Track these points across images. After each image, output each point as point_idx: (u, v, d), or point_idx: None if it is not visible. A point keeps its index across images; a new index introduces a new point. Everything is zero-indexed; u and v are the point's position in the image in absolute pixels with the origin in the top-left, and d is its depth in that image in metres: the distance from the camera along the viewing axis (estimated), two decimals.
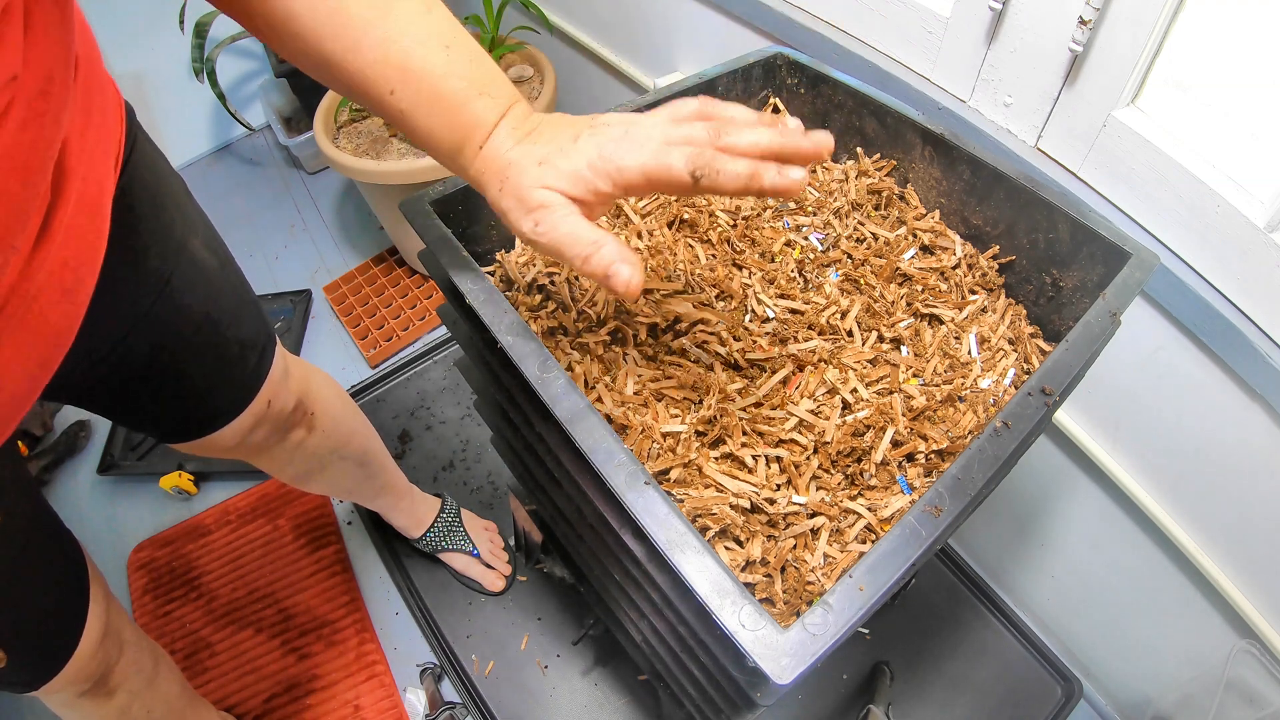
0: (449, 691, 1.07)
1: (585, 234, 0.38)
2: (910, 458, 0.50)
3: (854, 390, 0.52)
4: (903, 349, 0.57)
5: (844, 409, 0.51)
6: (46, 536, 0.62)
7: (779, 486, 0.48)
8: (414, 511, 1.11)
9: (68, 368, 0.47)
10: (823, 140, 0.39)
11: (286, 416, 0.75)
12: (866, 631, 1.08)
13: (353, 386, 1.42)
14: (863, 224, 0.65)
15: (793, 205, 0.66)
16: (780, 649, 0.34)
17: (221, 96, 1.74)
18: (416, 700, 1.05)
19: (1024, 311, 0.63)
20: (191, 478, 1.29)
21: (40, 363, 0.43)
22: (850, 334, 0.57)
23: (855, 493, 0.49)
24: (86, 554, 0.66)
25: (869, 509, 0.47)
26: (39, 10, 0.32)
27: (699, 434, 0.49)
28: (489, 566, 1.14)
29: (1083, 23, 0.65)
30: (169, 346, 0.59)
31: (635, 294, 0.38)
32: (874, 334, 0.57)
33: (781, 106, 0.75)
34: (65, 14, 0.35)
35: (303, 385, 0.77)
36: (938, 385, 0.54)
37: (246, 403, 0.68)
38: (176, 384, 0.62)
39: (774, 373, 0.53)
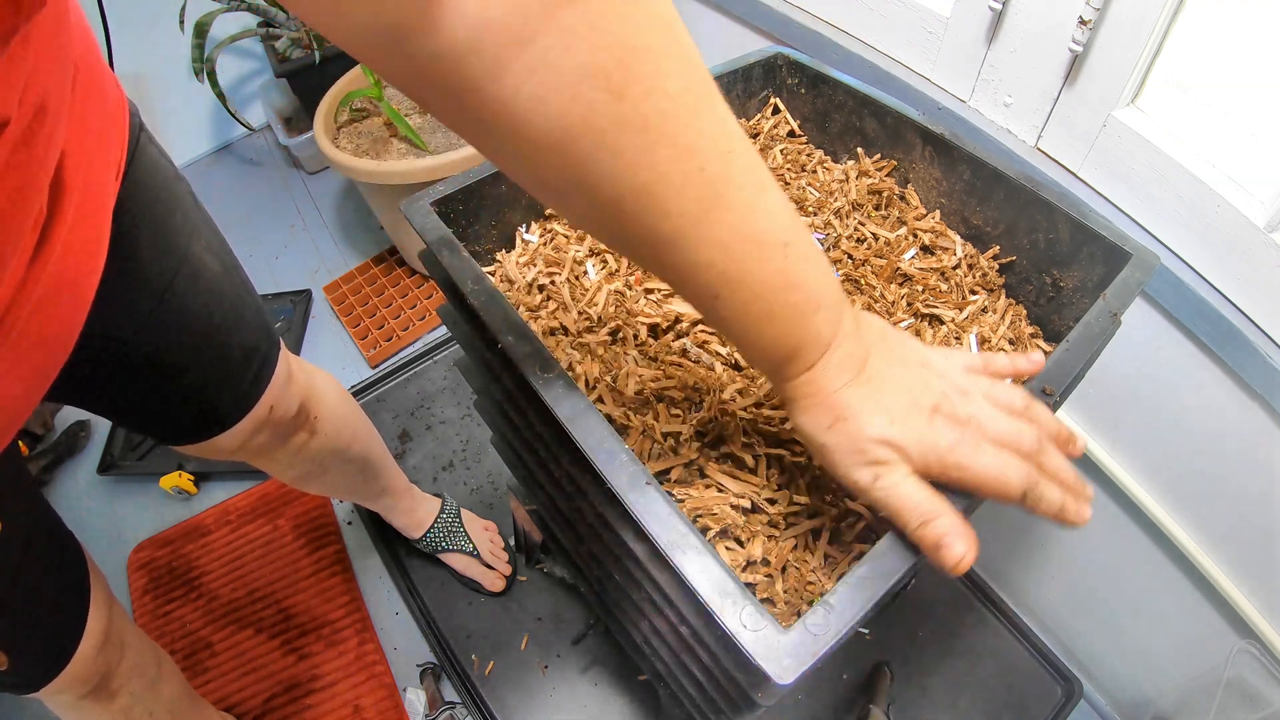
0: (449, 691, 1.07)
1: (925, 501, 0.36)
2: None
3: None
4: None
5: None
6: (47, 539, 0.62)
7: (780, 487, 0.48)
8: (414, 512, 1.11)
9: (70, 370, 0.47)
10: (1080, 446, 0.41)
11: (289, 421, 0.75)
12: (866, 631, 1.08)
13: (353, 386, 1.42)
14: (863, 224, 0.65)
15: (794, 205, 0.66)
16: (781, 649, 0.34)
17: (221, 96, 1.74)
18: (416, 700, 1.05)
19: (1024, 312, 0.63)
20: (191, 478, 1.29)
21: (39, 372, 0.43)
22: None
23: None
24: (88, 556, 0.66)
25: (869, 509, 0.47)
26: (36, 37, 0.31)
27: (700, 434, 0.49)
28: (489, 567, 1.14)
29: (1083, 23, 0.65)
30: (171, 351, 0.59)
31: (963, 571, 0.36)
32: None
33: (782, 106, 0.75)
34: (60, 29, 0.34)
35: (306, 389, 0.77)
36: None
37: (248, 408, 0.68)
38: (178, 388, 0.62)
39: None
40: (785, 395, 0.39)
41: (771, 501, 0.47)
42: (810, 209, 0.66)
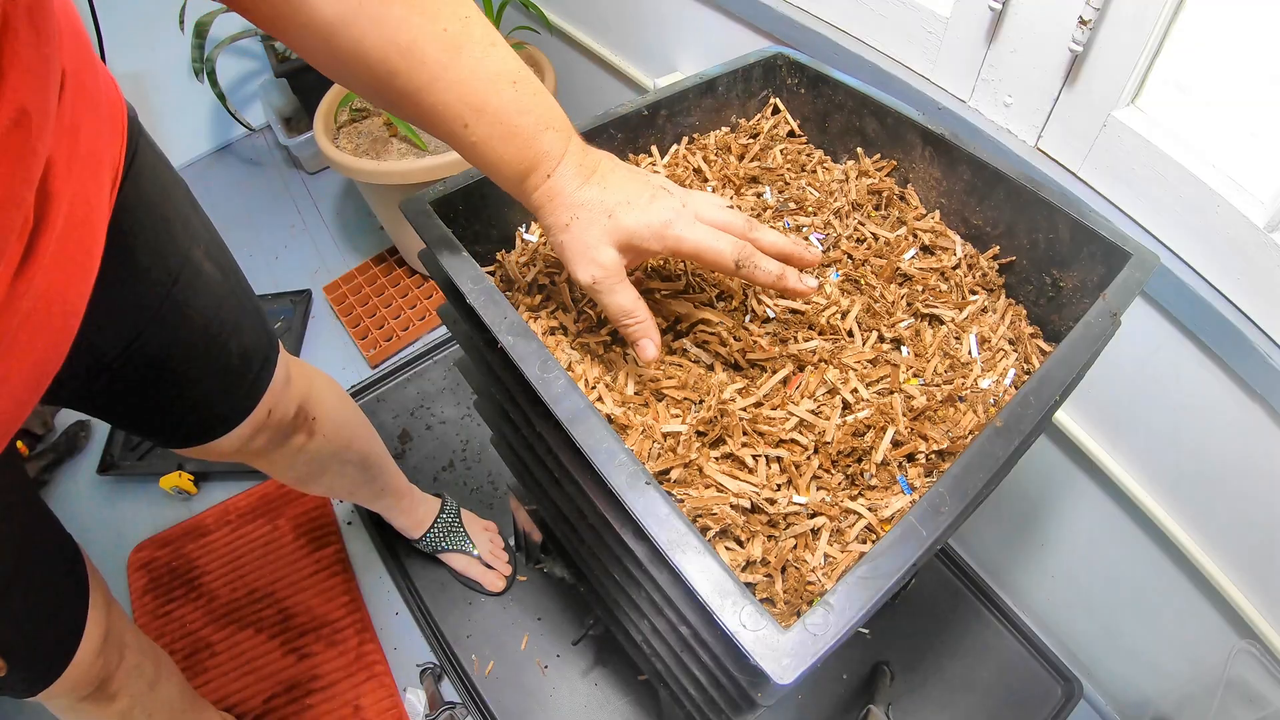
0: (449, 691, 1.07)
1: (630, 305, 0.47)
2: (911, 458, 0.50)
3: (854, 390, 0.52)
4: (903, 349, 0.57)
5: (844, 409, 0.51)
6: (46, 542, 0.61)
7: (779, 486, 0.48)
8: (414, 512, 1.11)
9: (67, 375, 0.47)
10: (816, 254, 0.51)
11: (288, 423, 0.75)
12: (866, 631, 1.08)
13: (353, 386, 1.42)
14: (863, 224, 0.65)
15: (793, 205, 0.66)
16: (781, 649, 0.34)
17: (221, 96, 1.74)
18: (416, 700, 1.05)
19: (1024, 312, 0.63)
20: (191, 478, 1.29)
21: (29, 384, 0.42)
22: (850, 334, 0.57)
23: (856, 493, 0.49)
24: (87, 559, 0.66)
25: (869, 509, 0.47)
26: (9, 47, 0.31)
27: (699, 434, 0.49)
28: (489, 567, 1.14)
29: (1083, 23, 0.65)
30: (170, 356, 0.59)
31: (652, 364, 0.50)
32: (874, 334, 0.57)
33: (782, 106, 0.75)
34: (43, 39, 0.33)
35: (305, 391, 0.77)
36: (938, 385, 0.54)
37: (247, 412, 0.68)
38: (177, 393, 0.62)
39: (774, 373, 0.53)
40: (533, 205, 0.46)
41: (771, 501, 0.47)
42: (810, 209, 0.66)
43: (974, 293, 0.62)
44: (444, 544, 1.13)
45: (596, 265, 0.46)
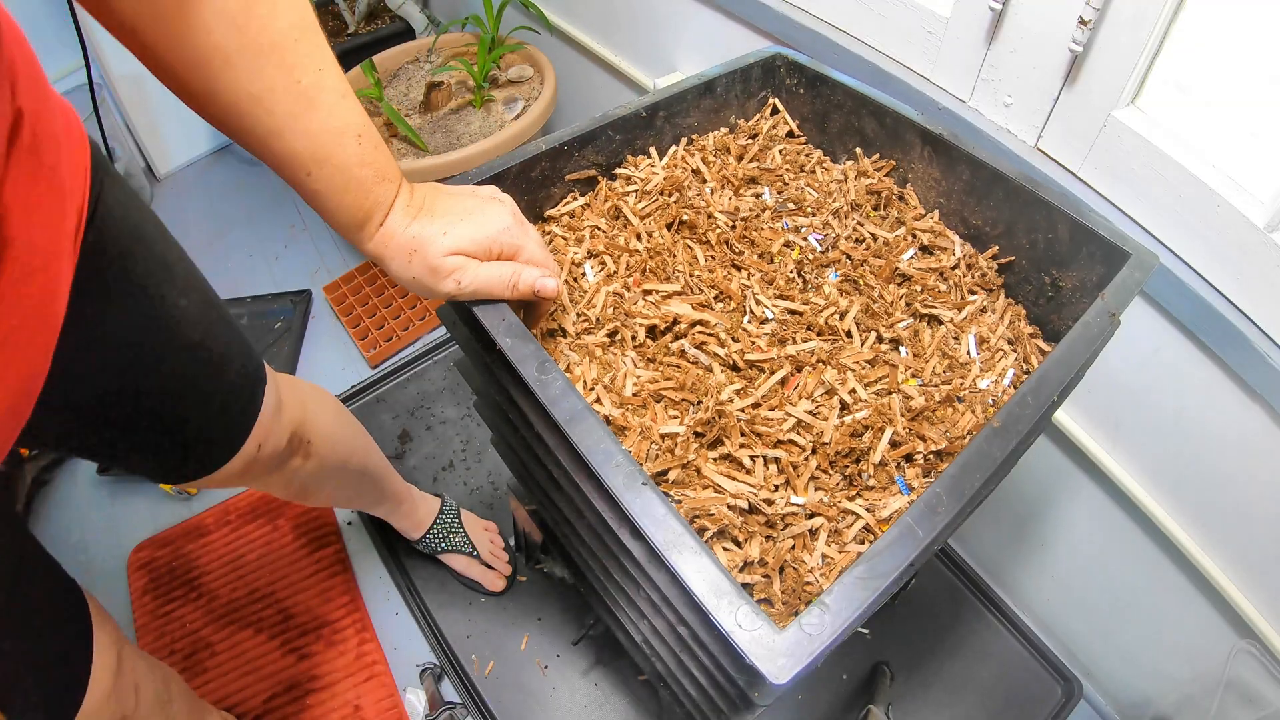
0: (449, 691, 1.07)
1: (502, 270, 0.49)
2: (909, 458, 0.49)
3: (852, 391, 0.52)
4: (901, 349, 0.57)
5: (842, 410, 0.51)
6: (38, 580, 0.59)
7: (777, 487, 0.48)
8: (414, 514, 1.10)
9: (46, 419, 0.46)
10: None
11: (281, 451, 0.72)
12: (866, 631, 1.08)
13: (353, 386, 1.42)
14: (862, 224, 0.65)
15: (792, 206, 0.66)
16: (777, 649, 0.34)
17: None
18: (416, 700, 1.05)
19: (1023, 312, 0.62)
20: None
21: None
22: (849, 335, 0.57)
23: (853, 493, 0.49)
24: (92, 599, 0.64)
25: (867, 509, 0.47)
26: None
27: (697, 435, 0.49)
28: (489, 567, 1.14)
29: (1083, 23, 0.65)
30: (148, 397, 0.57)
31: (558, 294, 0.52)
32: (873, 334, 0.57)
33: (781, 107, 0.75)
34: None
35: (298, 417, 0.74)
36: (936, 386, 0.54)
37: (235, 450, 0.65)
38: (158, 436, 0.60)
39: (772, 373, 0.53)
40: (373, 254, 0.48)
41: (769, 502, 0.47)
42: (809, 209, 0.66)
43: (973, 293, 0.62)
44: (444, 545, 1.13)
45: (449, 278, 0.47)
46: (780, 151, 0.72)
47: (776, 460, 0.49)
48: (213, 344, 0.62)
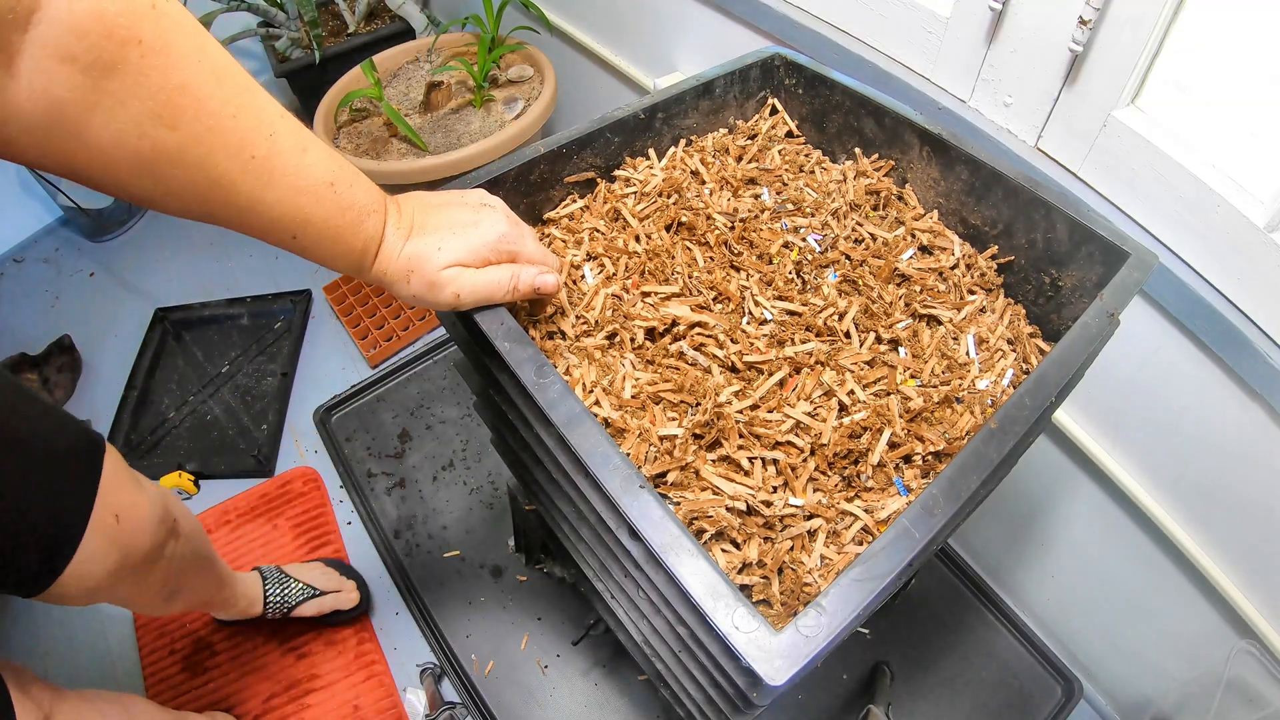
0: (449, 691, 1.07)
1: (501, 274, 0.49)
2: (907, 459, 0.49)
3: (851, 392, 0.52)
4: (900, 350, 0.57)
5: (841, 411, 0.51)
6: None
7: (775, 489, 0.48)
8: (247, 590, 1.04)
9: None
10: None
11: (155, 531, 0.68)
12: (867, 631, 1.08)
13: (353, 386, 1.42)
14: (861, 225, 0.65)
15: (791, 206, 0.66)
16: (774, 651, 0.34)
17: None
18: (416, 700, 1.05)
19: (1023, 311, 0.62)
20: (192, 477, 1.30)
21: None
22: (848, 335, 0.57)
23: (852, 494, 0.49)
24: (14, 672, 0.61)
25: (865, 511, 0.47)
26: None
27: (696, 437, 0.49)
28: (336, 591, 1.10)
29: (1083, 23, 0.64)
30: None
31: (559, 289, 0.53)
32: (872, 335, 0.57)
33: (780, 107, 0.75)
34: None
35: (158, 507, 0.69)
36: (935, 386, 0.54)
37: (74, 536, 0.58)
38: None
39: (771, 375, 0.53)
40: (375, 281, 0.48)
41: (767, 504, 0.47)
42: (808, 210, 0.66)
43: (972, 293, 0.62)
44: (290, 599, 1.07)
45: (448, 291, 0.48)
46: (779, 152, 0.72)
47: (775, 462, 0.48)
48: (13, 445, 0.55)
